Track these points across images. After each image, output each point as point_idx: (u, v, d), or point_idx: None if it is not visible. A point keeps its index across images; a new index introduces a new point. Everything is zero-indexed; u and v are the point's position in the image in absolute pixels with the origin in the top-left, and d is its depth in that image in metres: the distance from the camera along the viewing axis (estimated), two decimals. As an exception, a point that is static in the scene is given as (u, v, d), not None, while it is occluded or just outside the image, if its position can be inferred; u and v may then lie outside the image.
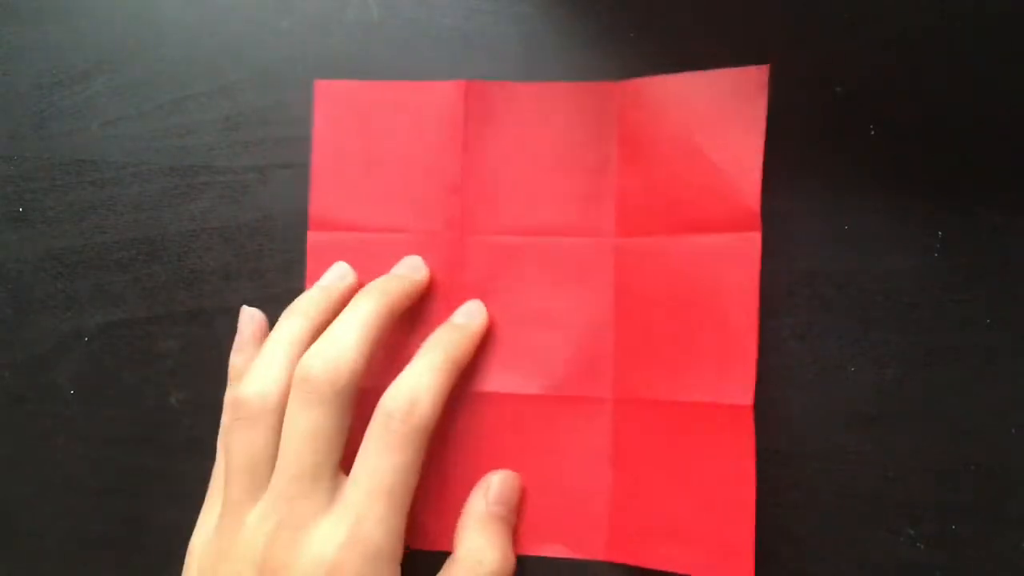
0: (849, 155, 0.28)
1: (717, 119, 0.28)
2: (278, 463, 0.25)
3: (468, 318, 0.29)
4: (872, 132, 0.28)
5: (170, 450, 0.30)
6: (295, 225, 0.30)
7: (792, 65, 0.28)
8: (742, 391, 0.27)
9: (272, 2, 0.31)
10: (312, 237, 0.30)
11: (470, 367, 0.29)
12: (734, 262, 0.27)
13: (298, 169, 0.30)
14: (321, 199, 0.30)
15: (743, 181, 0.27)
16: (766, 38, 0.28)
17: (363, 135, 0.30)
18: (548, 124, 0.29)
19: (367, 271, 0.29)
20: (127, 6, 0.31)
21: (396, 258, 0.29)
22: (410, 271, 0.29)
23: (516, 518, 0.28)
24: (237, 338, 0.29)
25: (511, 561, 0.27)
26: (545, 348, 0.29)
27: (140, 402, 0.31)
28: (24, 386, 0.31)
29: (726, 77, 0.28)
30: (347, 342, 0.25)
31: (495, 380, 0.29)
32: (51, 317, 0.31)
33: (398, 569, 0.25)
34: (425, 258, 0.29)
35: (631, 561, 0.28)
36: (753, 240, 0.27)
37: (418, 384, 0.25)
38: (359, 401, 0.26)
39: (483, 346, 0.29)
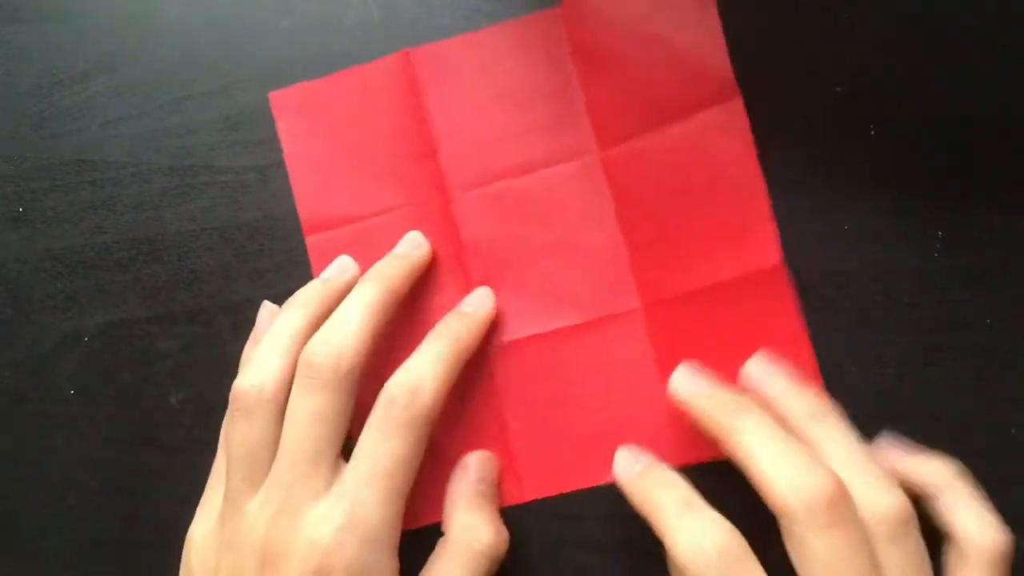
0: (849, 155, 0.28)
1: (666, 3, 0.28)
2: (279, 449, 0.25)
3: (476, 306, 0.29)
4: (872, 132, 0.28)
5: (170, 450, 0.30)
6: (295, 225, 0.30)
7: (792, 65, 0.28)
8: (768, 252, 0.27)
9: (272, 2, 0.31)
10: (310, 240, 0.30)
11: (496, 321, 0.29)
12: (723, 134, 0.28)
13: (298, 169, 0.30)
14: (307, 203, 0.30)
15: (709, 54, 0.28)
16: (766, 38, 0.28)
17: (328, 131, 0.30)
18: (500, 66, 0.29)
19: (370, 258, 0.29)
20: (127, 6, 0.31)
21: (395, 239, 0.29)
22: (411, 248, 0.29)
23: (498, 494, 0.28)
24: (253, 332, 0.30)
25: (504, 535, 0.27)
26: (562, 280, 0.29)
27: (140, 402, 0.31)
28: (24, 386, 0.31)
29: None
30: (350, 328, 0.26)
31: (522, 326, 0.29)
32: (51, 317, 0.31)
33: (395, 555, 0.25)
34: (420, 228, 0.29)
35: (705, 459, 0.28)
36: (736, 108, 0.28)
37: (423, 372, 0.26)
38: (361, 387, 0.26)
39: (502, 296, 0.29)
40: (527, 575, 0.29)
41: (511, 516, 0.29)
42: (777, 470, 0.23)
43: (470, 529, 0.26)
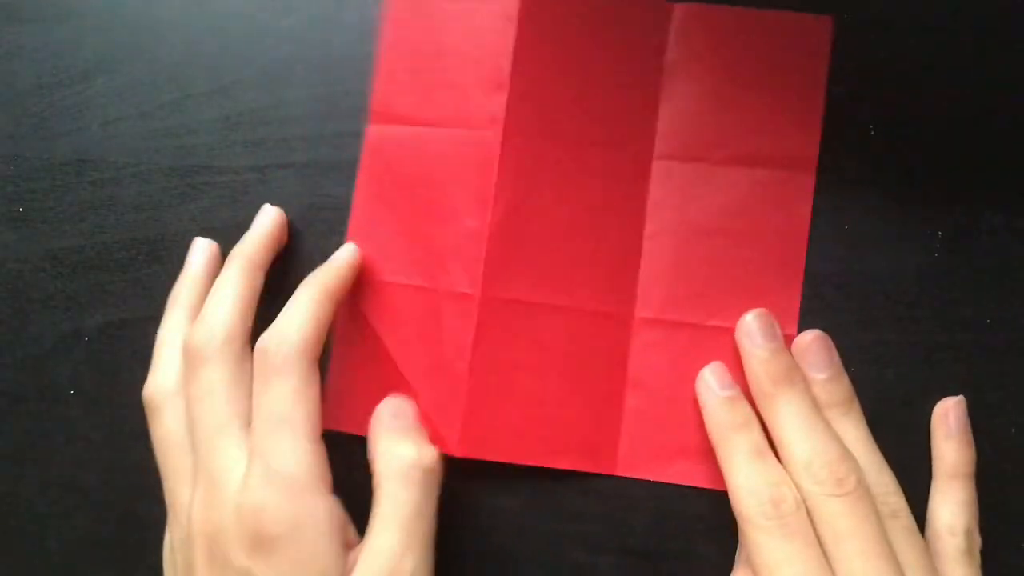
0: (849, 155, 0.28)
1: (778, 59, 0.28)
2: (191, 435, 0.26)
3: (342, 255, 0.29)
4: (872, 132, 0.28)
5: (170, 450, 0.30)
6: (295, 225, 0.30)
7: (792, 65, 0.28)
8: (784, 323, 0.28)
9: (272, 2, 0.31)
10: (371, 130, 0.30)
11: (491, 272, 0.28)
12: (783, 199, 0.28)
13: (298, 169, 0.30)
14: (383, 92, 0.30)
15: (803, 119, 0.28)
16: (766, 38, 0.28)
17: (426, 27, 0.30)
18: (599, 34, 0.29)
19: (413, 166, 0.29)
20: (127, 6, 0.31)
21: (442, 155, 0.29)
22: (266, 219, 0.29)
23: (420, 426, 0.28)
24: (185, 271, 0.30)
25: (431, 449, 0.26)
26: (571, 260, 0.29)
27: (140, 402, 0.31)
28: (24, 386, 0.31)
29: (789, 20, 0.28)
30: (222, 307, 0.26)
31: (515, 287, 0.29)
32: (51, 317, 0.31)
33: (328, 493, 0.25)
34: (464, 155, 0.29)
35: (644, 476, 0.28)
36: (807, 181, 0.28)
37: (288, 319, 0.26)
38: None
39: (512, 253, 0.29)
40: (527, 575, 0.29)
41: (511, 515, 0.29)
42: (800, 443, 0.25)
43: (392, 452, 0.26)
